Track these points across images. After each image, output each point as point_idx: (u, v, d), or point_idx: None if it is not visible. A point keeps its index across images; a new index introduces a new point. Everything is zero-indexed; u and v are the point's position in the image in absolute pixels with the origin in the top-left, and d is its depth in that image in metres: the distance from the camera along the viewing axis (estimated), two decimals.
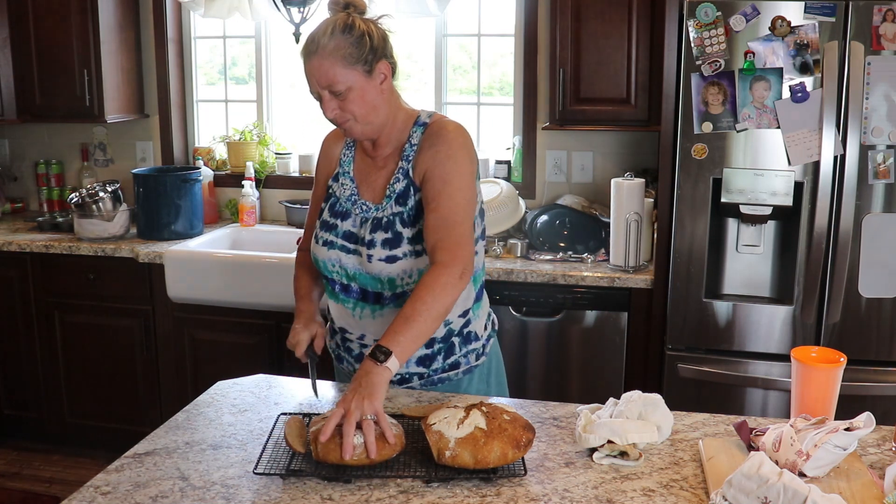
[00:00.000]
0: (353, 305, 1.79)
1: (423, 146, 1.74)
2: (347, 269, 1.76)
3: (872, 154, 2.50)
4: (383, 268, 1.72)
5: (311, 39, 1.69)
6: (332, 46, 1.65)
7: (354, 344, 1.85)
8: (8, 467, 3.45)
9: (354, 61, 1.65)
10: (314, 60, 1.66)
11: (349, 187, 1.81)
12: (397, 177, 1.74)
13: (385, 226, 1.72)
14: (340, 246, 1.77)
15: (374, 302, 1.77)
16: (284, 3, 3.28)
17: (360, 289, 1.77)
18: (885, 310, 2.58)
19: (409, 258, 1.72)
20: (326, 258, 1.79)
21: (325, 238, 1.80)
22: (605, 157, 3.42)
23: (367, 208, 1.76)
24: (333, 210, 1.81)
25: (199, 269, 3.16)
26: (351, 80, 1.66)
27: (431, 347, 1.79)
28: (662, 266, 2.77)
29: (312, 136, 3.82)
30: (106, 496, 1.32)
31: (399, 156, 1.76)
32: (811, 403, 1.49)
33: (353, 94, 1.67)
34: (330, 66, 1.64)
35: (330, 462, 1.36)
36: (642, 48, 2.98)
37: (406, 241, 1.72)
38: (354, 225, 1.76)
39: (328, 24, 1.69)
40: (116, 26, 3.59)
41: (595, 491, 1.34)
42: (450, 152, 1.70)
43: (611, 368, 2.93)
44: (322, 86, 1.66)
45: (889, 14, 2.41)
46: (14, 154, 4.05)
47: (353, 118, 1.69)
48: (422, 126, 1.77)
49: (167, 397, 3.32)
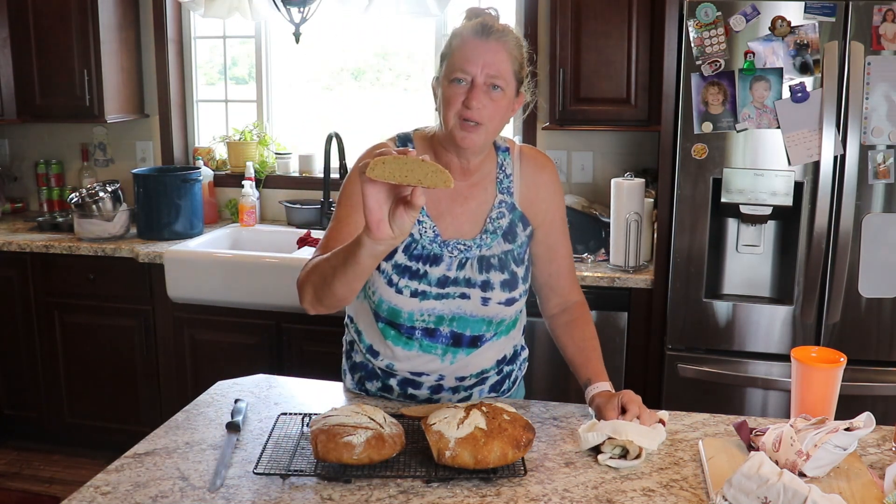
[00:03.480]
0: (442, 351, 1.64)
1: (526, 182, 1.65)
2: (444, 315, 1.61)
3: (872, 154, 2.50)
4: (500, 311, 1.62)
5: (486, 24, 1.52)
6: (512, 44, 1.53)
7: (424, 389, 1.68)
8: (8, 467, 3.45)
9: (516, 75, 1.55)
10: (492, 43, 1.50)
11: (429, 227, 1.60)
12: (501, 211, 1.63)
13: (499, 266, 1.61)
14: (436, 295, 1.59)
15: (469, 345, 1.64)
16: (284, 3, 3.28)
17: (453, 333, 1.62)
18: (885, 310, 2.58)
19: (522, 299, 1.67)
20: (416, 309, 1.59)
21: (412, 288, 1.58)
22: (605, 157, 3.42)
23: (464, 248, 1.60)
24: (413, 254, 1.59)
25: (199, 269, 3.16)
26: (509, 88, 1.54)
27: (501, 373, 1.74)
28: (662, 266, 2.77)
29: (312, 136, 3.82)
30: (106, 496, 1.32)
31: (493, 186, 1.64)
32: (811, 403, 1.49)
33: (502, 101, 1.53)
34: (505, 59, 1.51)
35: (330, 462, 1.37)
36: (642, 48, 2.98)
37: (521, 281, 1.64)
38: (450, 269, 1.59)
39: (506, 25, 1.55)
40: (116, 26, 3.59)
41: (595, 491, 1.34)
42: (561, 190, 1.74)
43: (611, 368, 2.88)
44: (487, 72, 1.49)
45: (889, 14, 2.41)
46: (14, 154, 4.05)
47: (486, 126, 1.53)
48: (505, 152, 1.67)
49: (167, 397, 3.32)
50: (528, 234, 1.67)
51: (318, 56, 3.93)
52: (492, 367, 1.71)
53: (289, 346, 3.15)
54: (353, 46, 3.90)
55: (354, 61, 3.94)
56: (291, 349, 3.14)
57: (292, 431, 1.53)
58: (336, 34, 3.80)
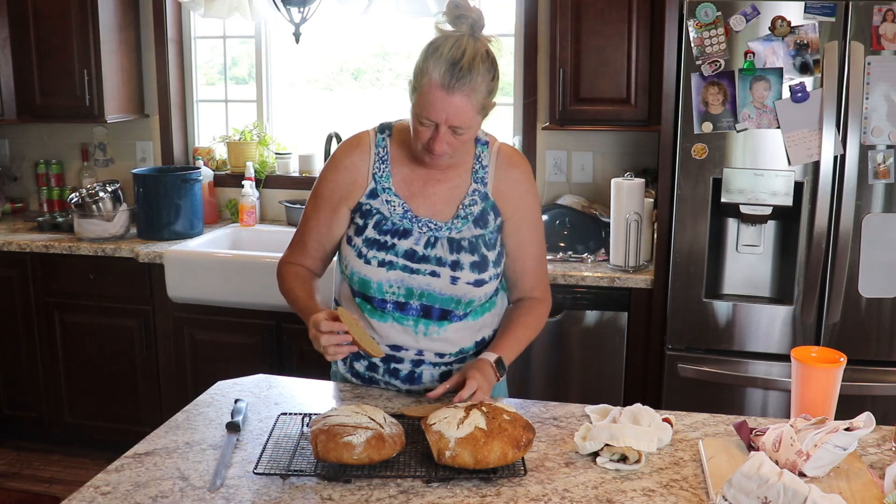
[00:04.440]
0: (413, 323, 1.71)
1: (500, 175, 1.73)
2: (413, 289, 1.68)
3: (872, 154, 2.50)
4: (469, 290, 1.68)
5: (456, 68, 1.53)
6: (479, 88, 1.56)
7: (406, 364, 1.75)
8: (8, 467, 3.45)
9: (482, 107, 1.60)
10: (457, 97, 1.54)
11: (398, 204, 1.70)
12: (473, 199, 1.71)
13: (470, 248, 1.69)
14: (403, 266, 1.68)
15: (439, 318, 1.71)
16: (284, 3, 3.28)
17: (423, 306, 1.70)
18: (885, 310, 2.58)
19: (493, 282, 1.73)
20: (384, 279, 1.68)
21: (380, 258, 1.68)
22: (605, 157, 3.42)
23: (434, 226, 1.70)
24: (383, 229, 1.69)
25: (199, 269, 3.15)
26: (475, 123, 1.61)
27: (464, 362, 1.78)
28: (662, 266, 2.77)
29: (312, 136, 3.82)
30: (106, 496, 1.32)
31: (469, 174, 1.73)
32: (811, 403, 1.49)
33: (467, 136, 1.62)
34: (469, 108, 1.56)
35: (330, 462, 1.37)
36: (642, 48, 2.98)
37: (491, 264, 1.71)
38: (418, 243, 1.68)
39: (478, 58, 1.55)
40: (116, 26, 3.59)
41: (595, 491, 1.34)
42: (535, 191, 1.79)
43: (611, 368, 2.93)
44: (451, 123, 1.57)
45: (889, 14, 2.41)
46: (14, 154, 4.05)
47: (451, 154, 1.64)
48: (484, 145, 1.75)
49: (167, 397, 3.32)
50: (498, 223, 1.74)
51: (318, 56, 3.93)
52: (471, 347, 1.77)
53: (289, 346, 3.15)
54: (352, 46, 3.90)
55: (354, 61, 3.94)
56: (291, 349, 3.14)
57: (292, 431, 1.53)
58: (336, 34, 3.80)
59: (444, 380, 1.72)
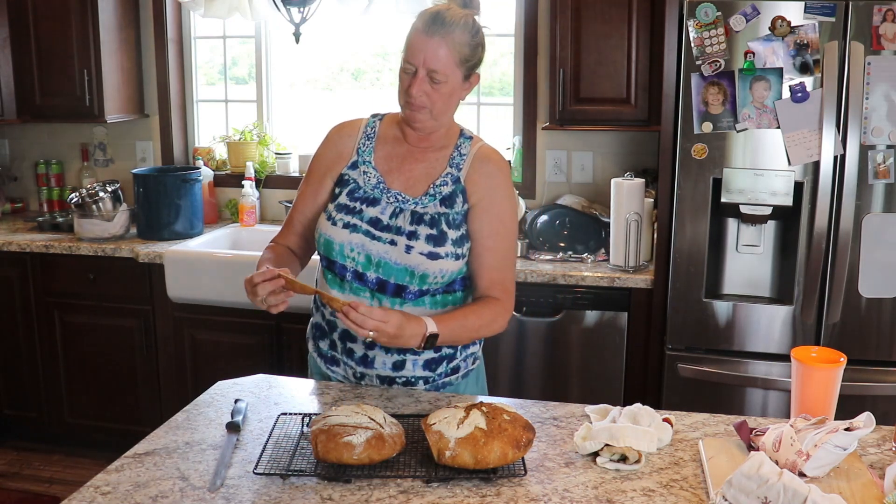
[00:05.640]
0: (369, 295, 1.74)
1: (475, 165, 1.78)
2: (371, 256, 1.72)
3: (872, 154, 2.50)
4: (422, 262, 1.70)
5: (437, 17, 1.67)
6: (457, 39, 1.67)
7: (358, 345, 1.77)
8: (8, 467, 3.45)
9: (463, 63, 1.69)
10: (435, 39, 1.65)
11: (373, 175, 1.78)
12: (444, 180, 1.76)
13: (430, 222, 1.73)
14: (366, 231, 1.73)
15: (393, 294, 1.73)
16: (284, 3, 3.28)
17: (379, 279, 1.73)
18: (885, 310, 2.58)
19: (450, 259, 1.73)
20: (346, 241, 1.73)
21: (345, 221, 1.74)
22: (605, 157, 3.42)
23: (402, 199, 1.75)
24: (354, 196, 1.77)
25: (199, 269, 3.15)
26: (453, 77, 1.69)
27: (439, 352, 1.79)
28: (662, 266, 2.77)
29: (312, 136, 3.82)
30: (106, 496, 1.32)
31: (447, 160, 1.78)
32: (811, 403, 1.49)
33: (445, 89, 1.70)
34: (446, 54, 1.66)
35: (330, 462, 1.37)
36: (642, 48, 2.98)
37: (451, 242, 1.73)
38: (384, 213, 1.74)
39: (461, 16, 1.68)
40: (116, 26, 3.59)
41: (595, 491, 1.34)
42: (508, 192, 1.80)
43: (611, 368, 2.93)
44: (427, 66, 1.66)
45: (889, 14, 2.41)
46: (14, 154, 4.05)
47: (430, 109, 1.71)
48: (468, 139, 1.82)
49: (167, 397, 3.32)
50: (465, 208, 1.76)
51: (318, 56, 3.93)
52: None
53: (289, 346, 3.15)
54: (352, 46, 3.90)
55: (354, 61, 3.94)
56: (291, 349, 3.14)
57: (292, 431, 1.53)
58: (336, 34, 3.80)
59: (398, 369, 1.77)
